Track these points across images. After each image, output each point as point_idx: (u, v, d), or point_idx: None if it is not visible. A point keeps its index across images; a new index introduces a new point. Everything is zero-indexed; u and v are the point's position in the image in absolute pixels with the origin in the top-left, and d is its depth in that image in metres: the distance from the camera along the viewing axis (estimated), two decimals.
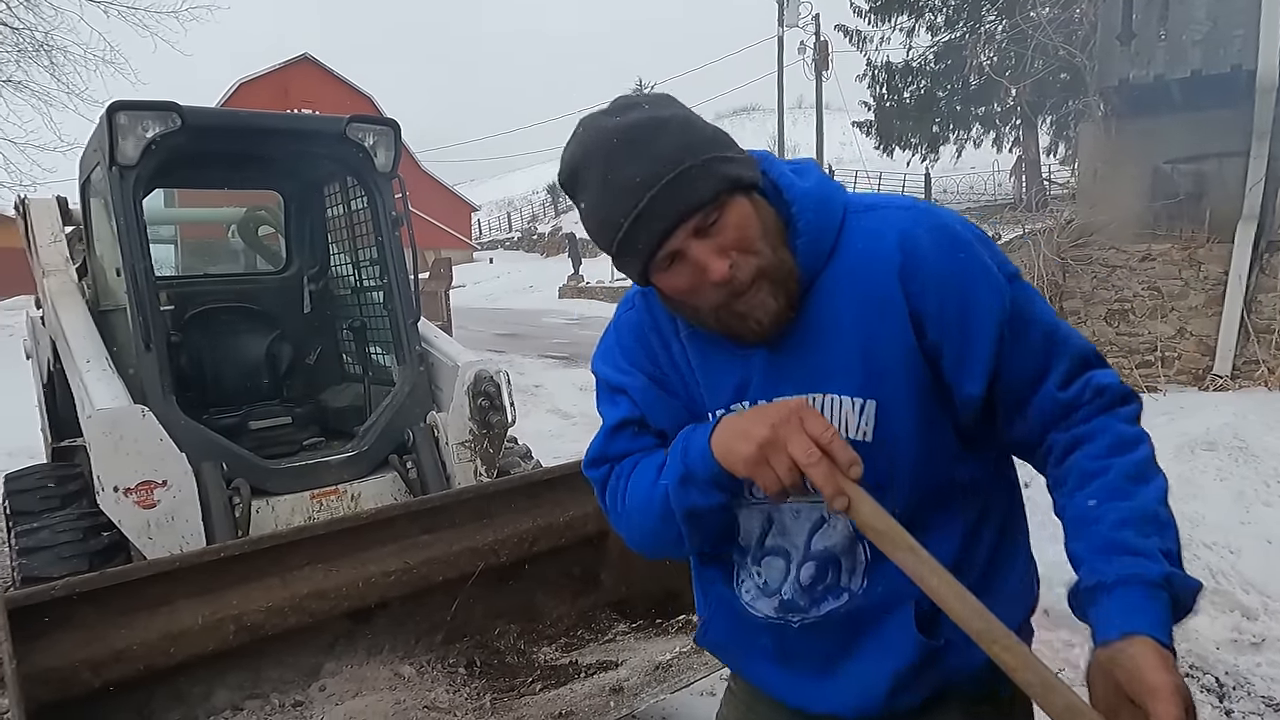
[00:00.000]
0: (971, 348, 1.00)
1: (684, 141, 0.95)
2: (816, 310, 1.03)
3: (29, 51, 12.61)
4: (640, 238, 0.96)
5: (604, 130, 0.97)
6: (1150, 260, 7.21)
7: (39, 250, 3.99)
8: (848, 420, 1.02)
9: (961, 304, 1.00)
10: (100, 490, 2.73)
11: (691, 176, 0.94)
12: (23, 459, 4.80)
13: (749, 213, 0.98)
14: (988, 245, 1.04)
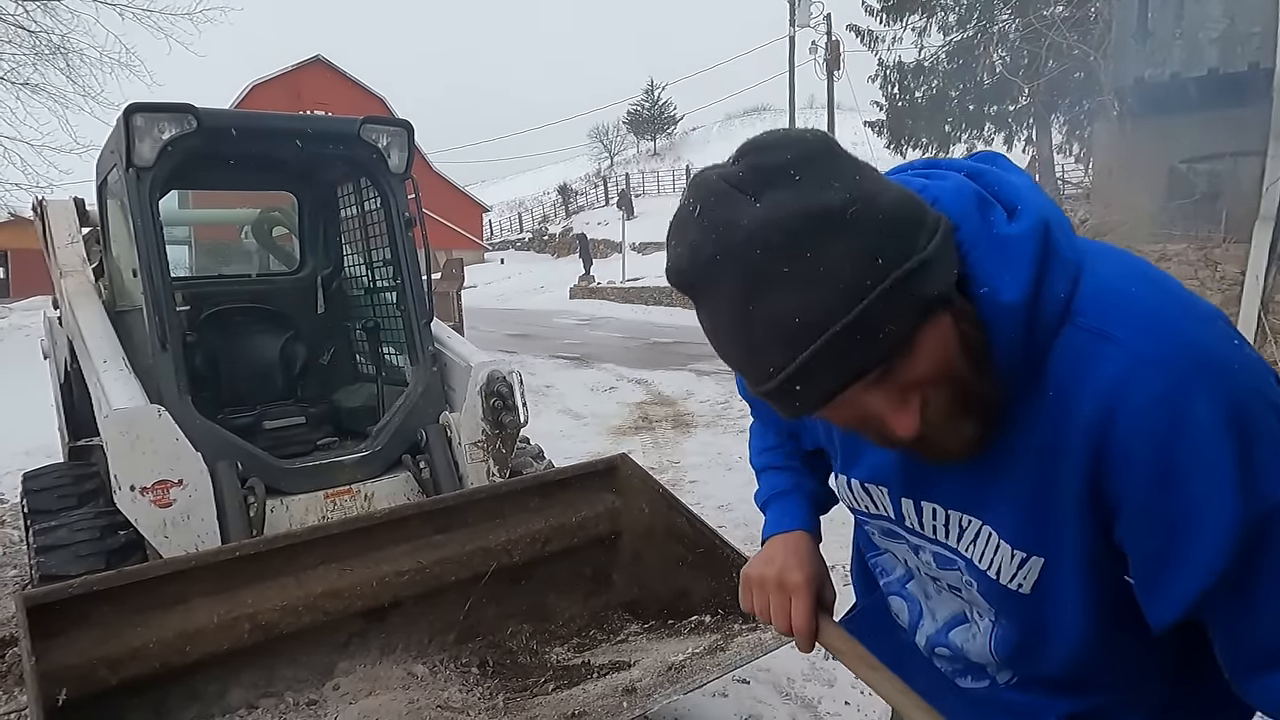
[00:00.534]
0: (1167, 576, 0.74)
1: (859, 250, 0.65)
2: (1000, 439, 0.80)
3: (46, 54, 12.74)
4: (796, 396, 0.70)
5: (738, 228, 0.67)
6: (1166, 261, 7.15)
7: (56, 251, 4.02)
8: (1000, 564, 0.85)
9: (1165, 524, 0.72)
10: (117, 489, 2.75)
11: (876, 315, 0.66)
12: (40, 458, 4.85)
13: (948, 338, 0.71)
14: (1261, 440, 0.69)
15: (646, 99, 54.29)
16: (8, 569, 4.39)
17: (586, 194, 45.82)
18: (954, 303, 0.72)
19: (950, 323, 0.72)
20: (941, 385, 0.73)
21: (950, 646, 0.98)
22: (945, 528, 0.89)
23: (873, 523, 1.01)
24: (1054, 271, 0.74)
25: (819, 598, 1.06)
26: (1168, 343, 0.71)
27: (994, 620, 0.92)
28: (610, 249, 30.41)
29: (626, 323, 18.78)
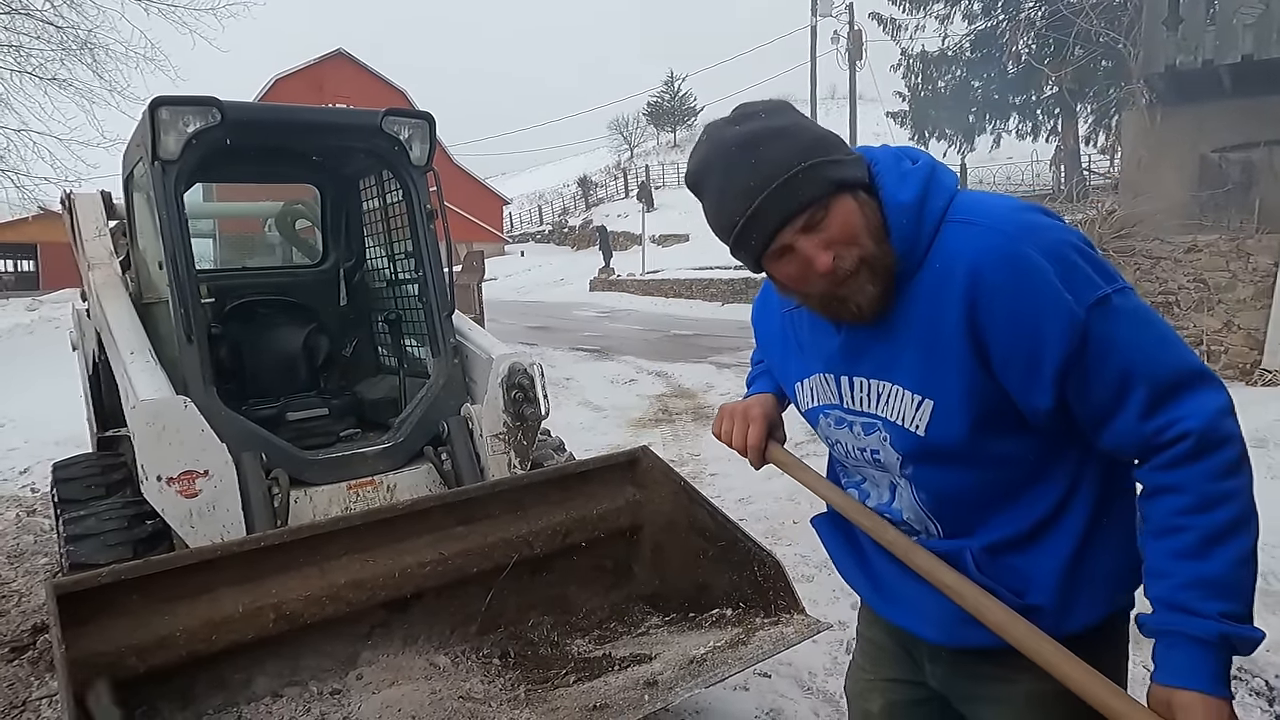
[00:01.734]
0: (1035, 374, 1.06)
1: (793, 147, 1.07)
2: (898, 309, 1.14)
3: (73, 50, 12.87)
4: (752, 235, 1.10)
5: (723, 139, 1.11)
6: (1196, 252, 7.02)
7: (84, 244, 4.07)
8: (905, 412, 1.16)
9: (1024, 337, 1.05)
10: (144, 479, 2.78)
11: (798, 181, 1.06)
12: (70, 448, 4.93)
13: (853, 209, 1.09)
14: (1070, 269, 1.04)
15: (667, 90, 54.10)
16: (39, 557, 4.48)
17: (606, 186, 45.79)
18: (859, 190, 1.11)
19: (855, 203, 1.10)
20: (850, 245, 1.09)
21: (893, 513, 1.27)
22: (867, 397, 1.21)
23: (828, 415, 1.30)
24: (935, 190, 1.13)
25: (771, 431, 1.47)
26: (1006, 220, 1.08)
27: (908, 479, 1.21)
28: (630, 241, 30.39)
29: (646, 315, 18.77)
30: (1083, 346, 1.03)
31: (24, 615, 3.71)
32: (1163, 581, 1.03)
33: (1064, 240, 1.06)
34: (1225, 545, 1.01)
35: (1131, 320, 1.05)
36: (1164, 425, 1.03)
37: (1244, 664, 2.90)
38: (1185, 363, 1.05)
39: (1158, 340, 1.05)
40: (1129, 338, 1.04)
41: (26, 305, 18.59)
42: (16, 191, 13.25)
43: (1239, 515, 1.02)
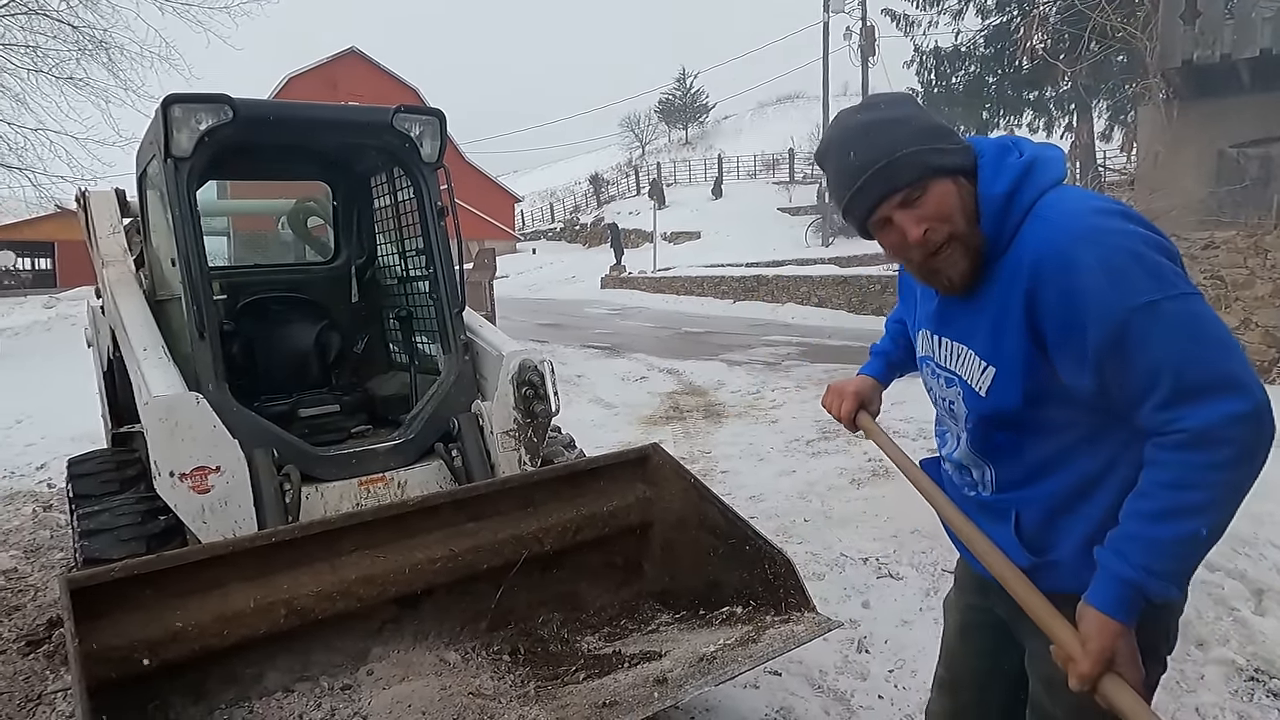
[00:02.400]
0: (1080, 359, 1.22)
1: (901, 135, 1.27)
2: (984, 286, 1.33)
3: (89, 49, 13.00)
4: (857, 207, 1.33)
5: (846, 124, 1.34)
6: (1213, 248, 6.94)
7: (99, 241, 4.10)
8: (973, 373, 1.38)
9: (1070, 325, 1.21)
10: (156, 475, 2.80)
11: (899, 164, 1.26)
12: (86, 444, 4.96)
13: (949, 192, 1.29)
14: (1121, 273, 1.16)
15: (678, 87, 54.00)
16: (55, 552, 4.52)
17: (618, 183, 45.76)
18: (959, 176, 1.30)
19: (953, 187, 1.29)
20: (943, 222, 1.28)
21: (953, 460, 1.51)
22: (950, 356, 1.43)
23: (928, 365, 1.52)
24: (1027, 184, 1.29)
25: (865, 405, 1.75)
26: (1076, 220, 1.22)
27: (968, 430, 1.43)
28: (642, 238, 30.37)
29: (657, 313, 18.76)
30: (1120, 341, 1.16)
31: (40, 610, 3.74)
32: (1118, 529, 1.23)
33: (1124, 246, 1.17)
34: (1177, 522, 1.17)
35: (1177, 324, 1.15)
36: (1172, 419, 1.17)
37: (1262, 666, 2.87)
38: (1217, 371, 1.15)
39: (1199, 346, 1.15)
40: (1168, 339, 1.15)
41: (44, 303, 18.78)
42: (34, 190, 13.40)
43: (1202, 504, 1.16)
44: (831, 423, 7.25)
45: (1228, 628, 3.02)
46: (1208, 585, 3.16)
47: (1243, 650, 2.93)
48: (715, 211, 33.61)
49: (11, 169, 13.23)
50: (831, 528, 4.36)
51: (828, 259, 21.79)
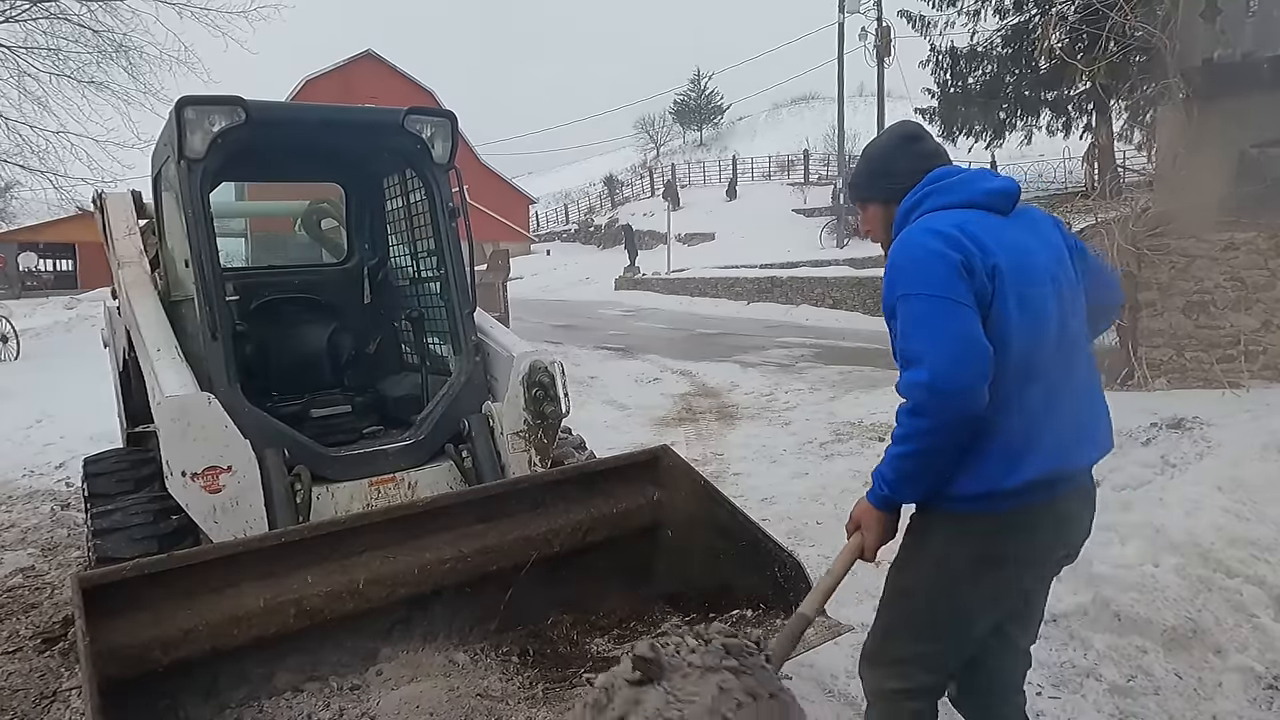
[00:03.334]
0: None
1: (860, 170, 1.99)
2: None
3: (109, 53, 13.15)
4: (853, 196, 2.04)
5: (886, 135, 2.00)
6: (1234, 250, 6.84)
7: (115, 243, 4.13)
8: None
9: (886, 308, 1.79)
10: (169, 475, 2.81)
11: (858, 184, 1.99)
12: (104, 444, 5.01)
13: (876, 214, 1.95)
14: (902, 273, 1.70)
15: (693, 89, 53.99)
16: (72, 550, 4.56)
17: (632, 185, 45.78)
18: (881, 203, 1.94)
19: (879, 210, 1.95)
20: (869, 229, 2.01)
21: None
22: None
23: None
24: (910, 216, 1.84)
25: None
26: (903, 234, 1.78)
27: None
28: (656, 240, 30.36)
29: (671, 314, 18.74)
30: (890, 322, 1.75)
31: (56, 607, 3.78)
32: None
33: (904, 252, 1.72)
34: (894, 445, 1.69)
35: (907, 314, 1.68)
36: (898, 378, 1.68)
37: (1273, 681, 2.82)
38: (916, 349, 1.64)
39: (914, 329, 1.66)
40: (901, 322, 1.70)
41: (64, 304, 19.01)
42: (55, 192, 13.56)
43: (902, 436, 1.66)
44: (844, 424, 7.17)
45: (1246, 634, 2.97)
46: (1226, 591, 3.11)
47: (1262, 657, 2.88)
48: (729, 213, 33.55)
49: (34, 171, 13.41)
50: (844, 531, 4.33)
51: (842, 260, 21.67)
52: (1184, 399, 5.94)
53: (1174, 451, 4.33)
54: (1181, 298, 7.02)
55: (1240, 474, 3.83)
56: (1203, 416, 4.85)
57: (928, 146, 1.91)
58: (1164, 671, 2.91)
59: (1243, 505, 3.53)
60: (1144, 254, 7.11)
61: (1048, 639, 3.18)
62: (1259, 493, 3.70)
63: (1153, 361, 7.08)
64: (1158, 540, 3.35)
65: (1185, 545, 3.29)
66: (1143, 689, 2.83)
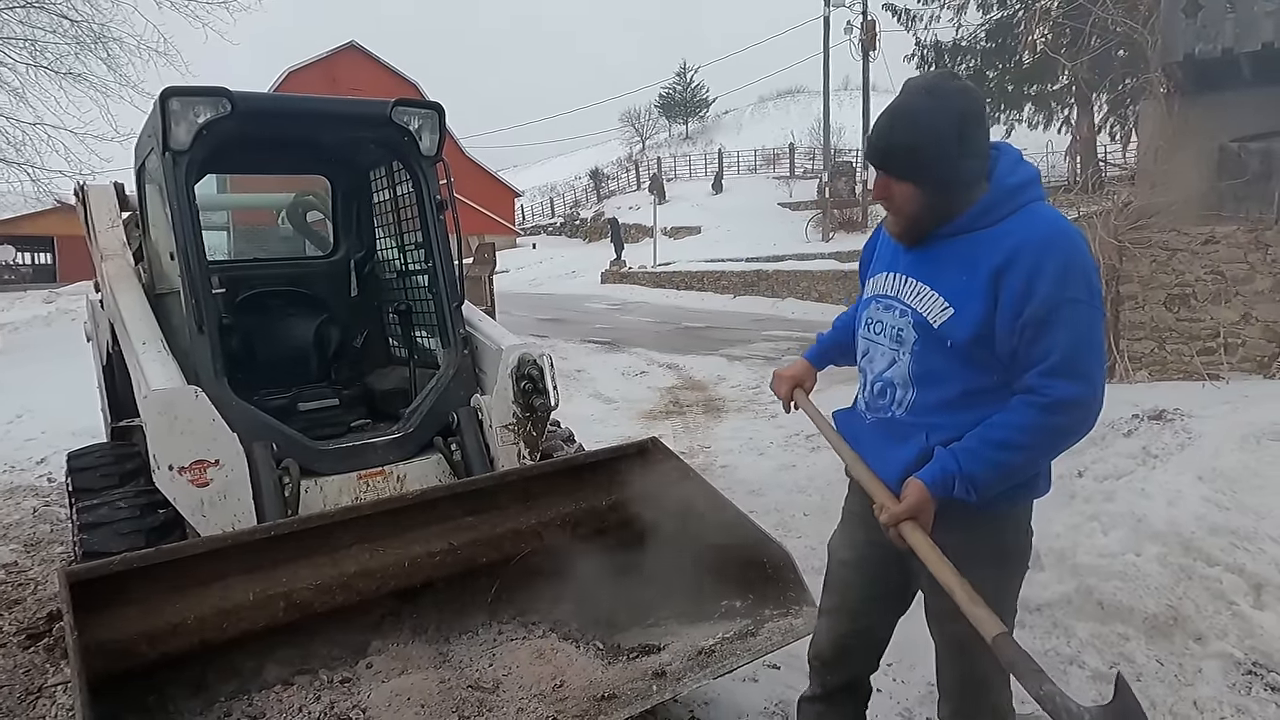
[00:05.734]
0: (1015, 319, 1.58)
1: (900, 137, 1.65)
2: (959, 246, 1.67)
3: (87, 44, 12.95)
4: (870, 157, 1.73)
5: (905, 96, 1.67)
6: (1214, 243, 6.92)
7: (97, 235, 4.09)
8: (932, 309, 1.69)
9: (1024, 293, 1.57)
10: (156, 469, 2.80)
11: (890, 154, 1.67)
12: (86, 438, 4.97)
13: (909, 195, 1.66)
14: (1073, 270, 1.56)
15: (679, 82, 53.90)
16: (56, 546, 4.52)
17: (618, 178, 45.67)
18: (929, 184, 1.65)
19: (916, 191, 1.66)
20: (898, 214, 1.72)
21: (882, 379, 1.81)
22: (911, 292, 1.74)
23: (879, 301, 1.84)
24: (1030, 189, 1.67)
25: (800, 383, 2.17)
26: (1054, 225, 1.61)
27: (912, 352, 1.74)
28: (642, 233, 30.32)
29: (658, 307, 18.75)
30: (1047, 317, 1.54)
31: (40, 603, 3.75)
32: (964, 440, 1.63)
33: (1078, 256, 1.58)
34: (1007, 453, 1.59)
35: (1075, 323, 1.55)
36: (1045, 385, 1.56)
37: (1260, 659, 2.87)
38: (1085, 364, 1.56)
39: (1086, 344, 1.56)
40: (1066, 331, 1.54)
41: (44, 298, 18.75)
42: (32, 185, 13.36)
43: (1027, 446, 1.59)
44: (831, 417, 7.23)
45: (1226, 622, 3.02)
46: (1206, 580, 3.16)
47: (1241, 644, 2.93)
48: (715, 206, 33.54)
49: (10, 164, 13.20)
50: (830, 522, 4.31)
51: (828, 254, 21.76)
52: (1165, 391, 6.01)
53: (1155, 442, 4.38)
54: (1162, 291, 7.11)
55: (1220, 464, 3.89)
56: (1184, 408, 4.91)
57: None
58: (1146, 658, 2.96)
59: (1223, 495, 3.59)
60: (1125, 247, 7.19)
61: (1032, 628, 3.23)
62: (1238, 482, 3.75)
63: (1134, 354, 7.16)
64: (1140, 530, 3.40)
65: (1167, 534, 3.34)
66: (1125, 675, 2.87)
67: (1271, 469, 3.90)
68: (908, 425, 1.75)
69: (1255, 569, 3.17)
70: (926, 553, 1.55)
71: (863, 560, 1.95)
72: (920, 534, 1.58)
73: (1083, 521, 3.62)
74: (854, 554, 1.98)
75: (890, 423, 1.79)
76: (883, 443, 1.79)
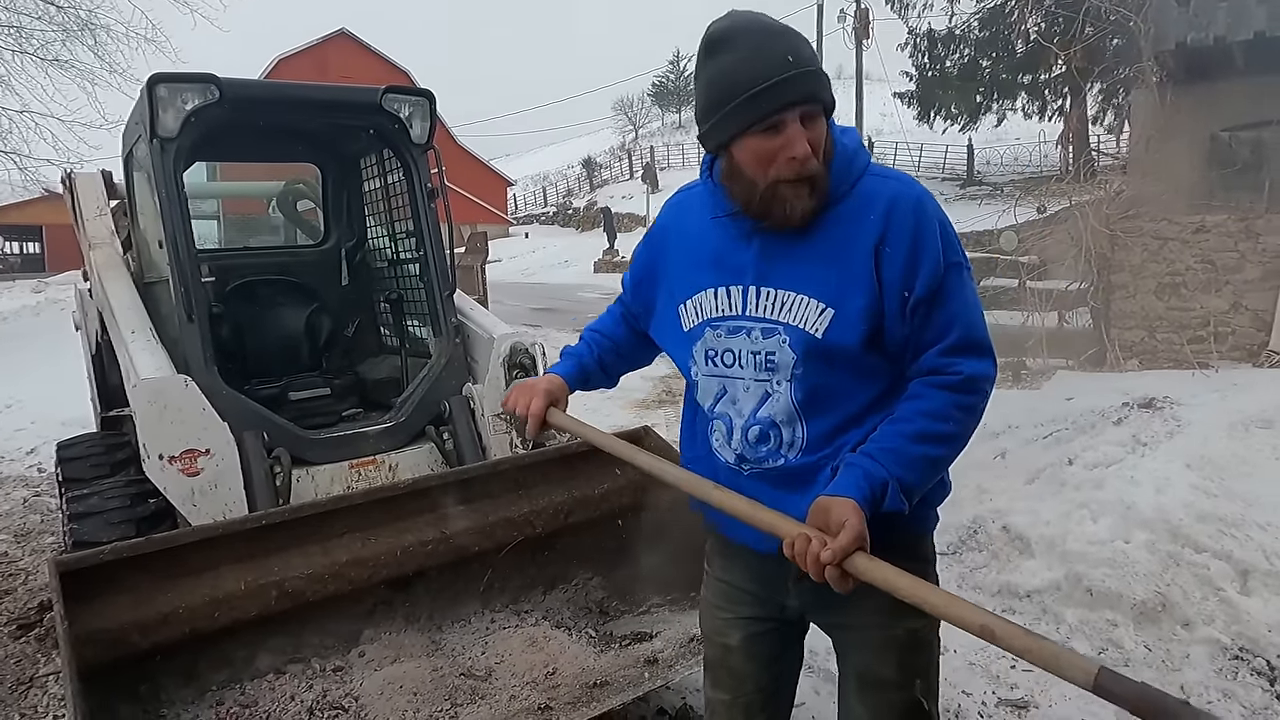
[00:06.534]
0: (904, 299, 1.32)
1: (815, 57, 1.30)
2: (816, 231, 1.36)
3: (74, 30, 12.82)
4: (768, 98, 1.25)
5: (759, 18, 1.30)
6: (1204, 232, 6.96)
7: (85, 224, 4.06)
8: (807, 317, 1.36)
9: (911, 265, 1.32)
10: (146, 458, 2.79)
11: (822, 81, 1.29)
12: (76, 429, 4.93)
13: (824, 131, 1.32)
14: (946, 231, 1.35)
15: (672, 70, 53.67)
16: (46, 536, 4.51)
17: (611, 167, 45.56)
18: (831, 122, 1.35)
19: (826, 128, 1.32)
20: (815, 155, 1.29)
21: (760, 422, 1.41)
22: (773, 304, 1.38)
23: (719, 326, 1.44)
24: (863, 150, 1.40)
25: (554, 402, 1.69)
26: (914, 184, 1.37)
27: (791, 378, 1.38)
28: (635, 222, 30.26)
29: None
30: (937, 289, 1.32)
31: (30, 593, 3.74)
32: (874, 442, 1.33)
33: (943, 214, 1.37)
34: (928, 446, 1.31)
35: (970, 288, 1.37)
36: (951, 364, 1.34)
37: (1247, 645, 2.90)
38: (986, 335, 1.37)
39: (979, 311, 1.37)
40: (964, 298, 1.35)
41: (32, 287, 18.61)
42: (19, 173, 13.24)
43: (949, 435, 1.33)
44: None
45: (1213, 607, 3.05)
46: (1194, 566, 3.18)
47: (1228, 629, 2.96)
48: None
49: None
50: None
51: None
52: (1155, 379, 6.04)
53: (1145, 430, 4.41)
54: (1153, 280, 7.15)
55: (1209, 452, 3.92)
56: (1173, 396, 4.95)
57: None
58: (1134, 644, 2.99)
59: (1211, 482, 3.62)
60: (1117, 236, 7.22)
61: (1021, 614, 3.25)
62: (1226, 470, 3.78)
63: (1125, 343, 7.20)
64: (1129, 517, 3.42)
65: (1155, 522, 3.37)
66: (1113, 661, 2.90)
67: (1259, 457, 3.93)
68: (806, 468, 1.39)
69: (1242, 555, 3.19)
70: (898, 582, 1.15)
71: (755, 640, 1.58)
72: (877, 562, 1.18)
73: (1072, 509, 3.64)
74: (742, 634, 1.58)
75: (781, 472, 1.41)
76: (774, 497, 1.39)
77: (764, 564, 1.47)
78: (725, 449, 1.47)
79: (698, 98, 1.36)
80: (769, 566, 1.45)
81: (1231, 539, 3.27)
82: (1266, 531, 3.35)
